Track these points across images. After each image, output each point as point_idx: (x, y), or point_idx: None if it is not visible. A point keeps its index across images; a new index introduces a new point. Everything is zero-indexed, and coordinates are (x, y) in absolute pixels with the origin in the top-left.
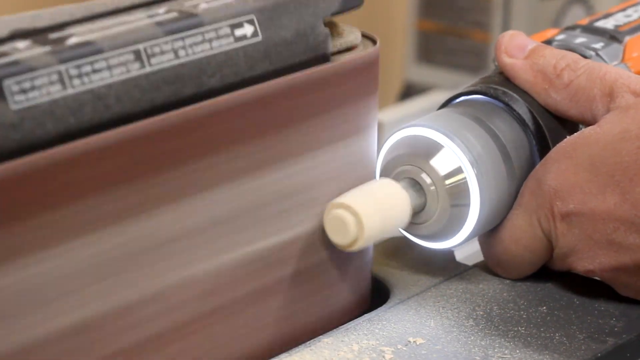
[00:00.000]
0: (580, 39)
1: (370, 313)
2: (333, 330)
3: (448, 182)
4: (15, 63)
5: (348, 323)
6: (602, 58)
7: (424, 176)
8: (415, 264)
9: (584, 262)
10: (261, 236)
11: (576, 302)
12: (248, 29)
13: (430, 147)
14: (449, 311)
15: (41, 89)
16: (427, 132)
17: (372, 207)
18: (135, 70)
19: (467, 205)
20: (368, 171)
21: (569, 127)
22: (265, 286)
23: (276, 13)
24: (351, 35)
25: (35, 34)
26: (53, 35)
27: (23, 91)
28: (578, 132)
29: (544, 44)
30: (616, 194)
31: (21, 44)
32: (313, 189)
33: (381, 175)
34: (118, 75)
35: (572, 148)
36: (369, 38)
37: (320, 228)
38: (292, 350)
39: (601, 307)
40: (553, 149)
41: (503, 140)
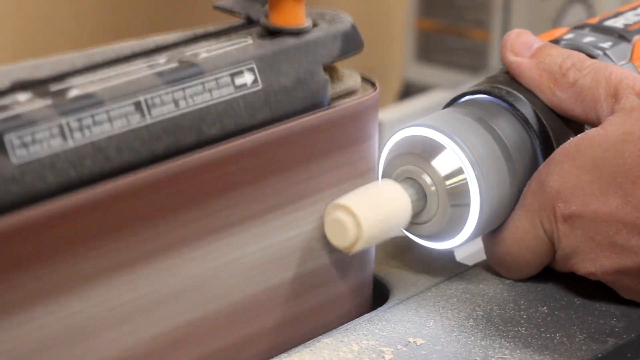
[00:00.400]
0: (588, 38)
1: (370, 313)
2: (332, 330)
3: (449, 183)
4: (16, 117)
5: (347, 323)
6: (610, 57)
7: (425, 176)
8: (415, 264)
9: (586, 264)
10: (265, 279)
11: (577, 303)
12: (248, 77)
13: (431, 148)
14: (449, 311)
15: (42, 143)
16: (429, 133)
17: (371, 208)
18: (135, 121)
19: (468, 205)
20: None
21: (574, 127)
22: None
23: (276, 60)
24: (351, 79)
25: (36, 86)
26: (54, 86)
27: (24, 145)
28: (582, 134)
29: (550, 43)
30: (618, 196)
31: (22, 97)
32: (314, 237)
33: (382, 174)
34: (119, 127)
35: (575, 150)
36: (369, 81)
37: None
38: (292, 350)
39: (602, 308)
40: (556, 151)
41: (505, 141)
